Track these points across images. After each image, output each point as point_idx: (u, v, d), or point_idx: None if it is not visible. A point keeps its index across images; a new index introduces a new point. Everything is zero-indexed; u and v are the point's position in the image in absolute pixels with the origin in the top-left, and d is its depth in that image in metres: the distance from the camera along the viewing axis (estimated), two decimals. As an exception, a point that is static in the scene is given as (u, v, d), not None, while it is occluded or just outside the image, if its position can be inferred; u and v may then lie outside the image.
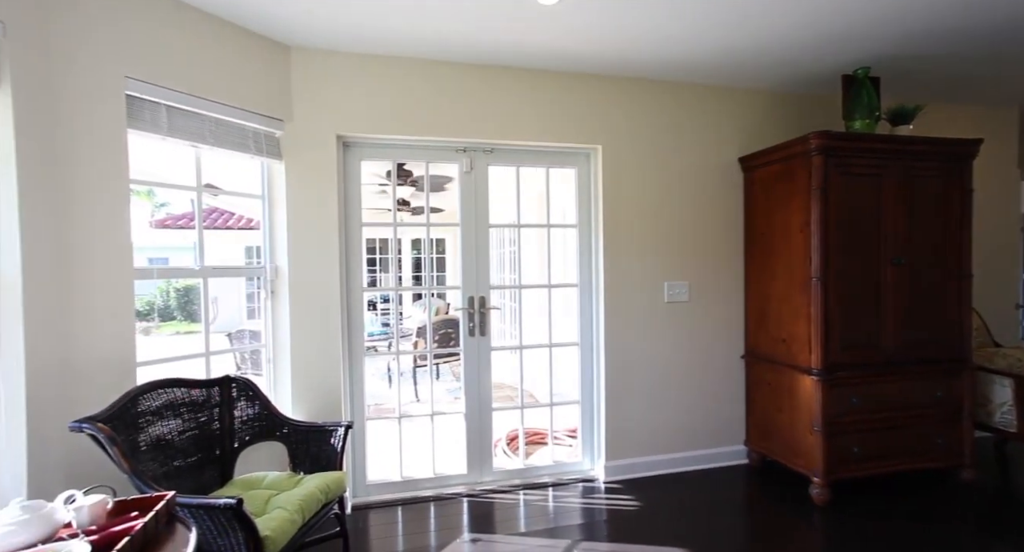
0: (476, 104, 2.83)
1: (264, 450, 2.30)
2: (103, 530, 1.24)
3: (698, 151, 3.18)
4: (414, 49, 2.64)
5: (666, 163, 3.12)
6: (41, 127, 1.75)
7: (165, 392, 2.01)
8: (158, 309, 11.56)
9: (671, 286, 3.14)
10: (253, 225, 9.98)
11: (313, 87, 2.62)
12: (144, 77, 2.04)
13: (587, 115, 2.99)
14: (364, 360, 2.86)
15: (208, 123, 2.29)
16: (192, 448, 2.05)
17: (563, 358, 4.42)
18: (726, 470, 3.18)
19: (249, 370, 4.54)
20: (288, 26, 2.38)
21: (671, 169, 3.13)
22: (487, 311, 3.00)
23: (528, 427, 3.46)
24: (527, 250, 5.37)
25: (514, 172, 3.05)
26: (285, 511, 1.81)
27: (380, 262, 10.35)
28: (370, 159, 2.85)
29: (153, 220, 11.14)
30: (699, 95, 3.17)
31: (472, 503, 2.80)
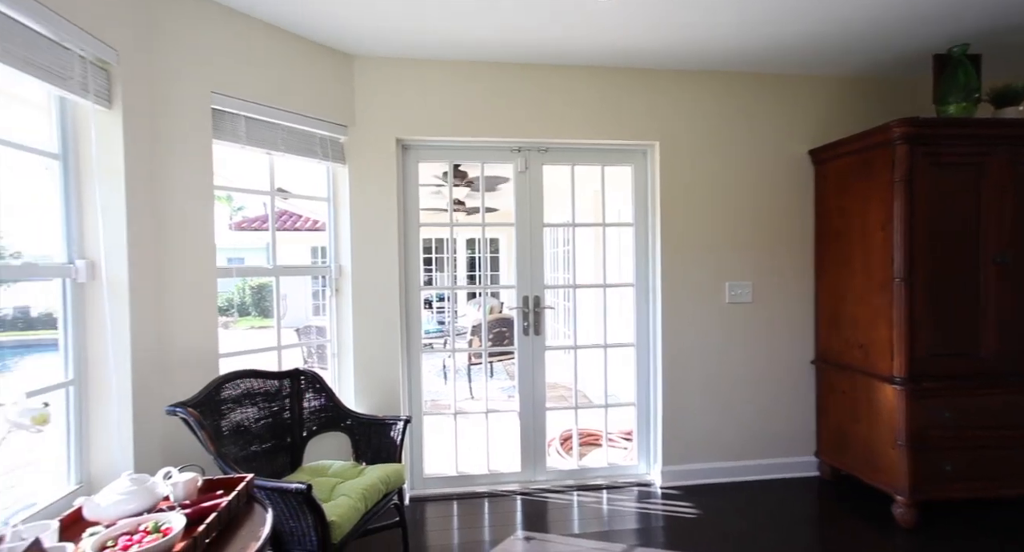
0: (531, 104, 2.83)
1: (329, 440, 2.42)
2: (194, 505, 1.36)
3: (763, 144, 3.01)
4: (470, 52, 2.68)
5: (728, 158, 2.98)
6: (143, 142, 1.94)
7: (243, 382, 2.16)
8: (235, 305, 12.48)
9: (733, 286, 2.99)
10: (318, 226, 10.55)
11: (374, 93, 2.73)
12: (227, 91, 2.20)
13: (644, 111, 2.91)
14: (421, 357, 2.94)
15: (281, 131, 2.44)
16: (267, 435, 2.19)
17: (618, 359, 4.34)
18: (794, 482, 2.99)
19: (315, 364, 4.81)
20: (353, 37, 2.49)
21: (733, 164, 2.99)
22: (541, 310, 3.00)
23: (582, 428, 3.43)
24: (581, 249, 5.32)
25: (569, 171, 3.02)
26: (349, 499, 1.90)
27: (435, 261, 10.62)
28: (427, 161, 2.93)
29: (231, 223, 12.05)
30: (765, 85, 3.00)
31: (525, 501, 2.81)
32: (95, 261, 1.82)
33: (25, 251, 2.06)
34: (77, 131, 1.80)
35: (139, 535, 1.17)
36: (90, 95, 1.71)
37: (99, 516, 1.28)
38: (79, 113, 1.79)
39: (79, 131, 1.80)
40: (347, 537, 1.81)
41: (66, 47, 1.62)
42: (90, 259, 1.81)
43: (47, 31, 1.54)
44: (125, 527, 1.19)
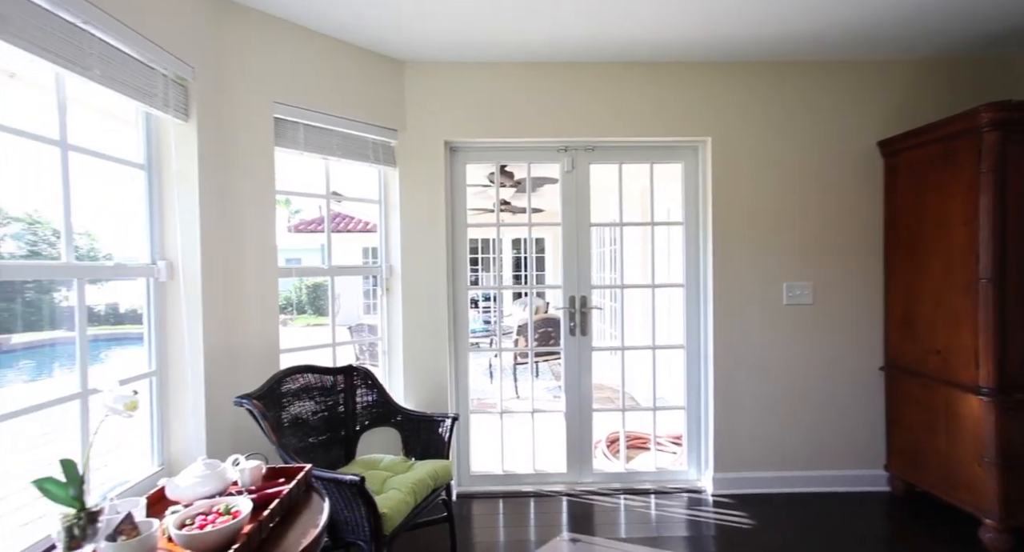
0: (577, 103, 2.82)
1: (380, 434, 2.51)
2: (260, 490, 1.45)
3: (826, 136, 2.84)
4: (516, 54, 2.70)
5: (786, 152, 2.84)
6: (214, 151, 2.09)
7: (302, 377, 2.28)
8: (293, 304, 13.15)
9: (791, 287, 2.85)
10: (369, 228, 10.94)
11: (423, 97, 2.80)
12: (288, 101, 2.33)
13: (695, 106, 2.82)
14: (468, 355, 2.99)
15: (336, 137, 2.55)
16: (323, 427, 2.30)
17: (666, 361, 4.23)
18: (861, 496, 2.81)
19: (367, 361, 4.99)
20: (405, 44, 2.57)
21: (793, 158, 2.84)
22: (588, 311, 2.97)
23: (629, 430, 3.37)
24: (628, 249, 5.22)
25: (616, 170, 2.98)
26: (399, 492, 1.96)
27: (481, 262, 10.75)
28: (475, 162, 2.97)
29: (290, 225, 12.71)
30: (828, 72, 2.83)
31: (571, 503, 2.80)
32: (173, 262, 1.98)
33: (115, 253, 2.27)
34: (160, 143, 1.96)
35: (212, 516, 1.26)
36: (170, 109, 1.86)
37: (179, 496, 1.39)
38: (161, 126, 1.96)
39: (161, 143, 1.96)
40: (398, 529, 1.87)
41: (152, 67, 1.77)
42: (169, 260, 1.97)
43: (137, 54, 1.69)
44: (201, 507, 1.29)
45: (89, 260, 1.92)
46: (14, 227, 3.76)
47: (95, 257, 2.16)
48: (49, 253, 4.33)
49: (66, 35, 1.43)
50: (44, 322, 4.14)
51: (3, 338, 4.26)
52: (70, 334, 1.67)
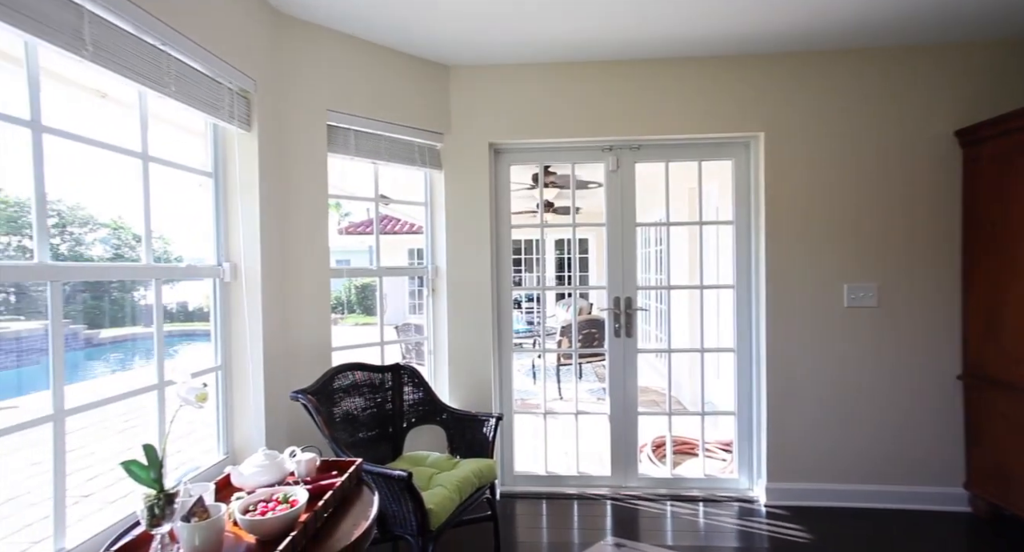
0: (622, 101, 2.78)
1: (426, 432, 2.57)
2: (314, 482, 1.52)
3: (893, 127, 2.66)
4: (560, 54, 2.69)
5: (847, 145, 2.68)
6: (272, 158, 2.21)
7: (352, 374, 2.37)
8: (343, 303, 13.66)
9: (853, 288, 2.68)
10: (415, 229, 11.21)
11: (468, 100, 2.84)
12: (339, 108, 2.43)
13: (746, 100, 2.72)
14: (512, 356, 3.01)
15: (384, 142, 2.64)
16: (372, 423, 2.38)
17: (715, 364, 4.09)
18: (936, 516, 2.60)
19: (413, 360, 5.12)
20: (450, 49, 2.62)
21: (854, 151, 2.68)
22: (633, 312, 2.92)
23: (676, 435, 3.29)
24: (675, 249, 5.09)
25: (662, 168, 2.91)
26: (445, 489, 2.00)
27: (524, 262, 10.78)
28: (519, 163, 2.99)
29: (340, 228, 13.23)
30: (895, 60, 2.65)
31: (616, 507, 2.76)
32: (237, 264, 2.11)
33: (184, 255, 2.44)
34: (225, 152, 2.10)
35: (272, 503, 1.33)
36: (235, 121, 1.99)
37: (242, 483, 1.48)
38: (227, 136, 2.09)
39: (227, 152, 2.10)
40: (443, 525, 1.91)
41: (219, 82, 1.90)
42: (233, 262, 2.11)
43: (207, 70, 1.82)
44: (261, 495, 1.37)
45: (163, 262, 2.07)
46: (102, 232, 4.15)
47: (167, 259, 2.34)
48: (130, 255, 4.75)
49: (148, 57, 1.56)
50: (127, 319, 4.53)
51: (92, 333, 4.70)
52: (148, 330, 1.81)
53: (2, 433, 1.24)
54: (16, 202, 4.48)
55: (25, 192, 1.37)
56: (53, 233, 1.39)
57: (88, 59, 1.35)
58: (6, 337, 3.20)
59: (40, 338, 4.23)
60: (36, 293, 4.71)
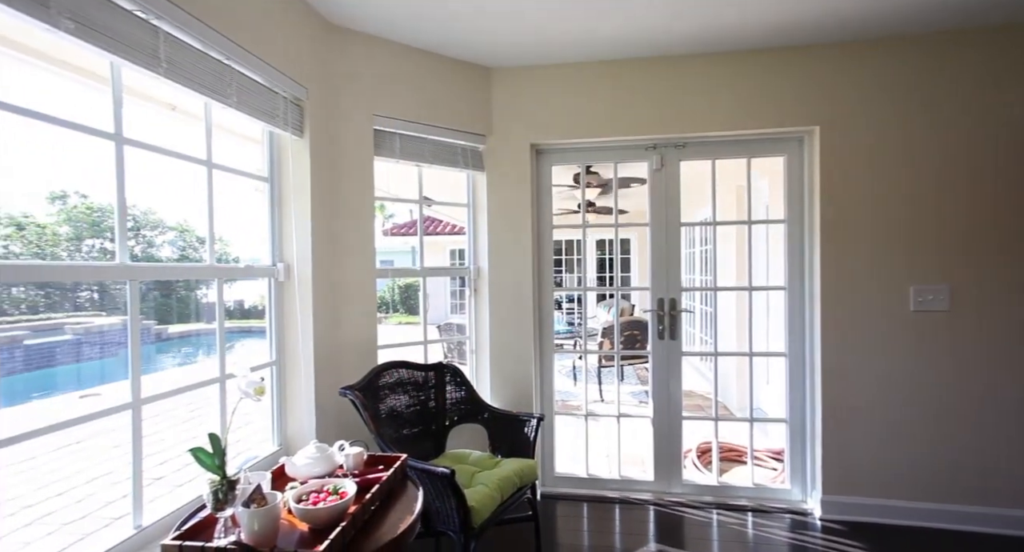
0: (666, 98, 2.72)
1: (468, 430, 2.60)
2: (362, 475, 1.57)
3: (965, 115, 2.47)
4: (604, 52, 2.67)
5: (912, 137, 2.51)
6: (322, 163, 2.31)
7: (397, 372, 2.44)
8: (387, 303, 14.06)
9: (921, 291, 2.51)
10: (456, 230, 11.38)
11: (510, 102, 2.86)
12: (385, 113, 2.51)
13: (799, 93, 2.60)
14: (553, 356, 3.00)
15: (428, 145, 2.70)
16: (415, 420, 2.44)
17: (764, 369, 3.93)
18: (1018, 543, 2.39)
19: (455, 359, 5.20)
20: (493, 51, 2.65)
21: (921, 143, 2.51)
22: (678, 314, 2.85)
23: (722, 441, 3.18)
24: (721, 249, 4.93)
25: (708, 166, 2.83)
26: (487, 488, 2.02)
27: (565, 263, 10.73)
28: (560, 164, 2.98)
29: (384, 229, 13.62)
30: (970, 42, 2.45)
31: (659, 513, 2.70)
32: (290, 264, 2.21)
33: (241, 256, 2.58)
34: (280, 157, 2.21)
35: (323, 494, 1.39)
36: (289, 128, 2.09)
37: (296, 474, 1.55)
38: (281, 143, 2.20)
39: (281, 157, 2.21)
40: (485, 523, 1.93)
41: (275, 91, 2.00)
42: (287, 262, 2.21)
43: (264, 80, 1.92)
44: (313, 486, 1.43)
45: (223, 263, 2.20)
46: (169, 235, 4.48)
47: (226, 260, 2.48)
48: (193, 256, 5.08)
49: (213, 70, 1.67)
50: (191, 315, 4.87)
51: (161, 328, 5.07)
52: (209, 326, 1.94)
53: (89, 418, 1.37)
54: (99, 208, 4.95)
55: (107, 199, 1.49)
56: (129, 236, 1.51)
57: (162, 75, 1.46)
58: (91, 331, 3.57)
59: (118, 332, 4.72)
60: (115, 291, 5.22)
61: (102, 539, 1.46)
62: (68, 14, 1.20)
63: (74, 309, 5.52)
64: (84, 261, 6.23)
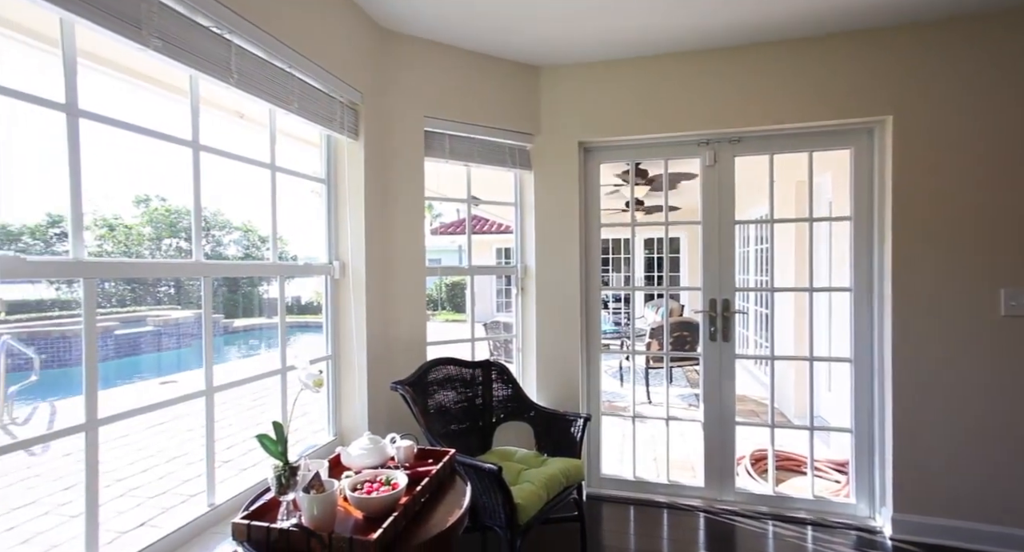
0: (721, 91, 2.61)
1: (513, 428, 2.61)
2: (412, 468, 1.62)
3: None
4: (652, 47, 2.60)
5: (1001, 125, 2.28)
6: (376, 164, 2.39)
7: (445, 368, 2.49)
8: (434, 301, 14.37)
9: (1014, 295, 2.28)
10: (503, 229, 11.46)
11: (558, 100, 2.85)
12: (435, 114, 2.56)
13: (868, 81, 2.42)
14: (600, 356, 2.96)
15: (477, 145, 2.73)
16: (462, 417, 2.48)
17: (824, 375, 3.71)
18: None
19: (501, 357, 5.25)
20: (541, 49, 2.65)
21: (1010, 133, 2.28)
22: (731, 315, 2.74)
23: (779, 449, 3.03)
24: (778, 248, 4.69)
25: (764, 161, 2.70)
26: (533, 485, 2.03)
27: (612, 262, 10.56)
28: (609, 161, 2.94)
29: (432, 228, 13.92)
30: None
31: (709, 520, 2.61)
32: (345, 262, 2.31)
33: (298, 254, 2.71)
34: (336, 160, 2.31)
35: (376, 484, 1.45)
36: (345, 131, 2.18)
37: (351, 463, 1.62)
38: (338, 145, 2.30)
39: (337, 159, 2.31)
40: (531, 521, 1.94)
41: (332, 96, 2.10)
42: (342, 260, 2.31)
43: (322, 87, 2.02)
44: (367, 475, 1.49)
45: (284, 261, 2.32)
46: (235, 235, 4.82)
47: (286, 258, 2.61)
48: (256, 255, 5.44)
49: (277, 79, 1.77)
50: (254, 310, 5.20)
51: (228, 322, 5.44)
52: (270, 321, 2.06)
53: (171, 403, 1.49)
54: (175, 210, 5.39)
55: (182, 202, 1.62)
56: (202, 235, 1.63)
57: (234, 85, 1.57)
58: (169, 323, 3.93)
59: (191, 325, 5.13)
60: (189, 286, 5.67)
61: (181, 513, 1.58)
62: (156, 33, 1.31)
63: (155, 303, 6.10)
64: (163, 259, 6.82)
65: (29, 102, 1.15)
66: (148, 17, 1.29)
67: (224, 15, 1.50)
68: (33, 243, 6.16)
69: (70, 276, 1.24)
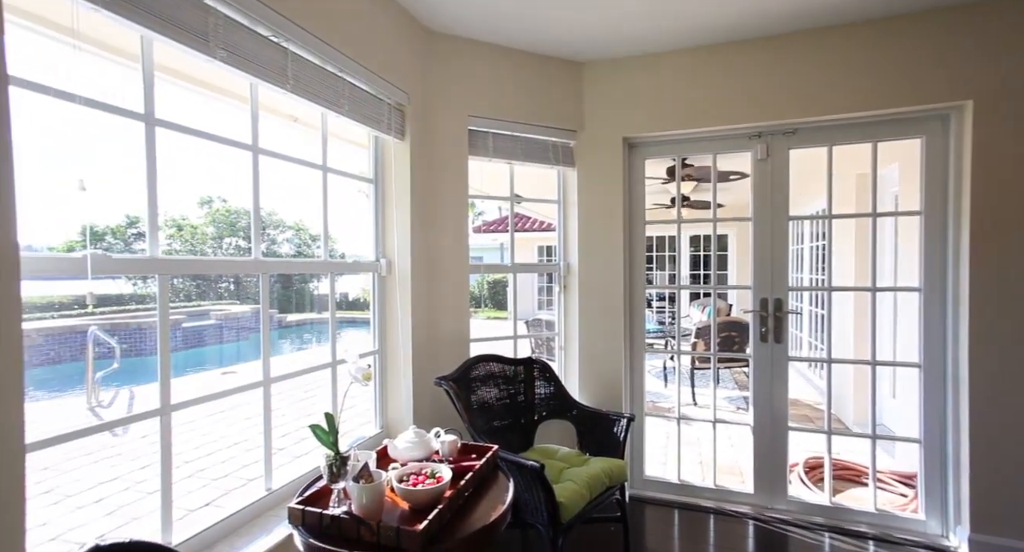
0: (772, 81, 2.49)
1: (555, 426, 2.60)
2: (456, 462, 1.64)
3: None
4: (700, 37, 2.51)
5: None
6: (421, 164, 2.43)
7: (487, 365, 2.51)
8: (476, 298, 14.55)
9: (1110, 296, 2.06)
10: (545, 227, 11.43)
11: (601, 95, 2.80)
12: (479, 113, 2.58)
13: (944, 64, 2.24)
14: (644, 356, 2.91)
15: (520, 143, 2.73)
16: (505, 413, 2.50)
17: (888, 380, 3.48)
18: None
19: (543, 355, 5.24)
20: (585, 45, 2.61)
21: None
22: (784, 315, 2.62)
23: (836, 458, 2.87)
24: (836, 245, 4.44)
25: (821, 153, 2.55)
26: (575, 484, 2.01)
27: (655, 260, 10.32)
28: (654, 157, 2.87)
29: (474, 226, 14.08)
30: None
31: (759, 529, 2.51)
32: (391, 259, 2.37)
33: (345, 252, 2.80)
34: (383, 160, 2.37)
35: (422, 476, 1.48)
36: (392, 132, 2.24)
37: (396, 456, 1.67)
38: (385, 146, 2.36)
39: (384, 160, 2.37)
40: (573, 520, 1.92)
41: (380, 98, 2.15)
42: (389, 258, 2.37)
43: (371, 89, 2.08)
44: (413, 468, 1.52)
45: (333, 258, 2.41)
46: (288, 233, 5.08)
47: (334, 256, 2.71)
48: (307, 252, 5.69)
49: (329, 83, 1.84)
50: (305, 305, 5.48)
51: (282, 317, 5.72)
52: (319, 316, 2.14)
53: (234, 391, 1.58)
54: (234, 210, 5.72)
55: (241, 202, 1.71)
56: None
57: (289, 91, 1.64)
58: (229, 317, 4.21)
59: (248, 319, 5.43)
60: (246, 282, 6.01)
61: (241, 496, 1.68)
62: (222, 45, 1.39)
63: (216, 298, 6.61)
64: (224, 256, 7.28)
65: (114, 113, 1.25)
66: (214, 30, 1.37)
67: (281, 24, 1.57)
68: (114, 242, 6.82)
69: (148, 272, 1.34)
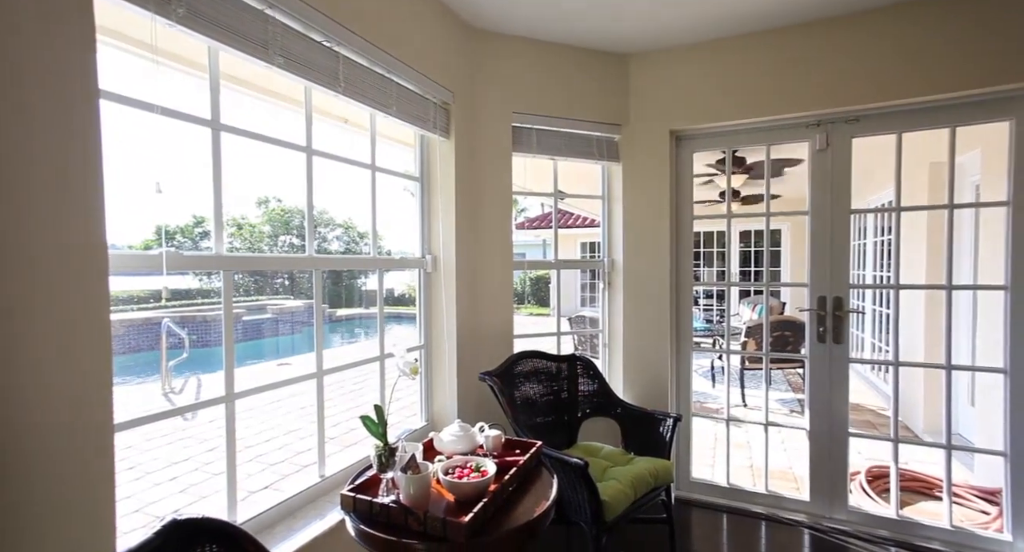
0: (831, 67, 2.34)
1: (599, 424, 2.58)
2: (500, 457, 1.66)
3: None
4: (752, 23, 2.39)
5: None
6: (465, 161, 2.46)
7: (531, 361, 2.51)
8: (519, 294, 14.60)
9: None
10: (588, 223, 11.31)
11: (647, 88, 2.73)
12: (523, 109, 2.58)
13: (1034, 39, 2.03)
14: (691, 355, 2.82)
15: (563, 138, 2.71)
16: (548, 410, 2.49)
17: (966, 385, 3.22)
18: None
19: (586, 352, 5.19)
20: (630, 37, 2.55)
21: None
22: (844, 314, 2.47)
23: (904, 468, 2.68)
24: (904, 240, 4.14)
25: (889, 141, 2.37)
26: (619, 483, 1.99)
27: (703, 256, 9.99)
28: (702, 150, 2.77)
29: (516, 223, 14.13)
30: None
31: (816, 539, 2.38)
32: (437, 256, 2.41)
33: (392, 249, 2.88)
34: (429, 158, 2.41)
35: (467, 470, 1.50)
36: (437, 130, 2.27)
37: (442, 448, 1.70)
38: (430, 144, 2.40)
39: (430, 158, 2.41)
40: (617, 519, 1.90)
41: (426, 98, 2.19)
42: (434, 254, 2.42)
43: (417, 89, 2.12)
44: (458, 461, 1.55)
45: (381, 255, 2.48)
46: (337, 231, 5.31)
47: (381, 253, 2.79)
48: (355, 249, 5.92)
49: (378, 84, 1.89)
50: (354, 301, 5.71)
51: (331, 311, 5.99)
52: (367, 311, 2.22)
53: (291, 382, 1.67)
54: (288, 209, 6.04)
55: (294, 202, 1.79)
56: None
57: (341, 93, 1.70)
58: (284, 311, 4.48)
59: (302, 313, 5.72)
60: (299, 278, 6.33)
61: (297, 481, 1.77)
62: (280, 51, 1.46)
63: (272, 293, 7.07)
64: (280, 253, 7.71)
65: (184, 120, 1.34)
66: (273, 38, 1.44)
67: (332, 29, 1.62)
68: (183, 241, 7.43)
69: (214, 268, 1.43)
